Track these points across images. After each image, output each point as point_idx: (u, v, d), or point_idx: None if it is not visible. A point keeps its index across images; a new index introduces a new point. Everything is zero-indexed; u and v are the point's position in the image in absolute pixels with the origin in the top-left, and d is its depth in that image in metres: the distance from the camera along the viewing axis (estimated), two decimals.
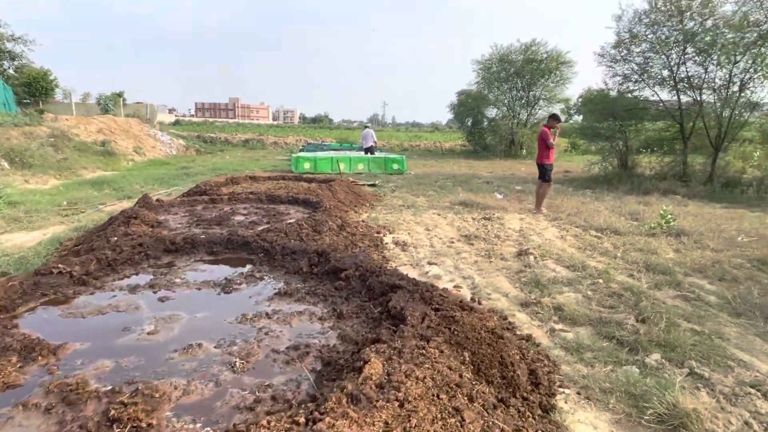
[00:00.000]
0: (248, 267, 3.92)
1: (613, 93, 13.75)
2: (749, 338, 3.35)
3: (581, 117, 23.77)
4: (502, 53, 24.39)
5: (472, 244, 6.06)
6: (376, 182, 12.05)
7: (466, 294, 4.25)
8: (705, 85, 12.24)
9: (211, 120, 67.11)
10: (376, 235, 6.34)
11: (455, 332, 2.67)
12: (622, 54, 13.18)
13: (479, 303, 4.04)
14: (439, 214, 8.07)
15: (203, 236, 4.50)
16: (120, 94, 27.35)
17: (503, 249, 5.81)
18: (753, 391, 2.64)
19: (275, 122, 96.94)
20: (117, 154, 17.98)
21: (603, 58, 13.41)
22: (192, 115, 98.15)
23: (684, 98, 12.70)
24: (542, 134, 8.35)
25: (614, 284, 4.45)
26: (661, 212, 6.95)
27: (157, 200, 6.45)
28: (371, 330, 2.72)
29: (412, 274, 4.82)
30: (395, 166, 15.11)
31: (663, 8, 12.22)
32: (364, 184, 11.73)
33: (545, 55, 23.44)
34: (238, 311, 2.96)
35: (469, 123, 27.23)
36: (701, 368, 2.88)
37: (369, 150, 17.09)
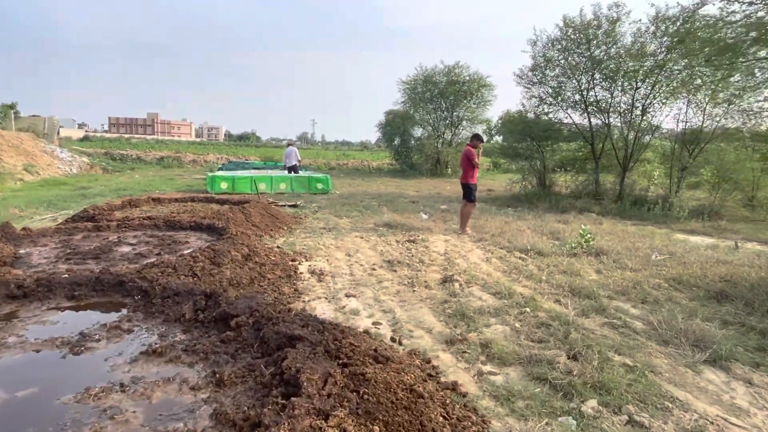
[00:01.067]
0: (118, 315, 3.16)
1: (531, 114, 14.24)
2: (681, 371, 3.16)
3: (501, 138, 24.67)
4: (427, 74, 24.86)
5: (395, 271, 5.63)
6: (298, 203, 11.40)
7: (386, 332, 3.77)
8: (612, 109, 13.00)
9: (126, 136, 62.27)
10: (290, 263, 5.72)
11: (365, 397, 2.15)
12: (539, 77, 13.71)
13: (400, 343, 3.57)
14: (362, 237, 7.60)
15: (66, 275, 3.65)
16: (12, 106, 24.42)
17: (428, 275, 5.42)
18: None
19: (198, 139, 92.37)
20: (1, 173, 15.75)
21: (521, 80, 13.89)
22: (105, 131, 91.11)
23: (594, 121, 13.40)
24: (467, 153, 8.21)
25: (542, 313, 4.18)
26: (581, 231, 6.98)
27: (23, 229, 5.38)
28: (258, 401, 2.13)
29: (327, 309, 4.28)
30: (320, 186, 14.52)
31: (572, 36, 12.88)
32: (284, 205, 11.03)
33: (467, 78, 24.18)
34: (83, 383, 2.24)
35: (397, 142, 27.35)
36: (640, 414, 2.59)
37: (293, 169, 16.38)
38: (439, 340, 3.67)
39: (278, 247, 6.61)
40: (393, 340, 3.62)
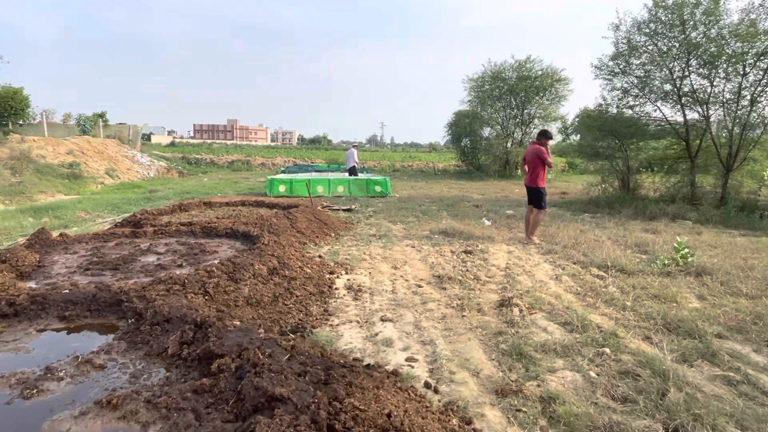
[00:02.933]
0: (99, 344, 2.71)
1: (612, 109, 12.70)
2: None
3: (579, 136, 22.77)
4: (495, 70, 23.58)
5: (444, 289, 4.86)
6: (353, 207, 10.90)
7: (420, 374, 3.04)
8: (712, 100, 11.20)
9: (209, 141, 66.52)
10: (327, 276, 5.15)
11: None
12: (622, 66, 12.18)
13: (435, 391, 2.83)
14: (413, 246, 6.89)
15: (67, 291, 3.30)
16: (101, 115, 26.44)
17: (482, 296, 4.60)
18: None
19: (273, 143, 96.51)
20: (85, 177, 16.87)
21: (601, 71, 12.41)
22: (191, 137, 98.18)
23: (689, 114, 11.65)
24: (536, 152, 7.19)
25: (626, 355, 3.24)
26: (676, 244, 5.77)
27: (60, 234, 5.28)
28: None
29: (356, 336, 3.63)
30: (378, 189, 13.98)
31: (663, 17, 11.27)
32: (339, 209, 10.59)
33: (540, 72, 22.60)
34: None
35: (467, 143, 26.14)
36: None
37: (352, 171, 16.02)
38: (488, 387, 2.88)
39: (319, 256, 6.09)
40: (427, 386, 2.89)
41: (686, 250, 5.63)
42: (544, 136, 7.30)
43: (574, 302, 4.42)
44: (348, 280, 5.13)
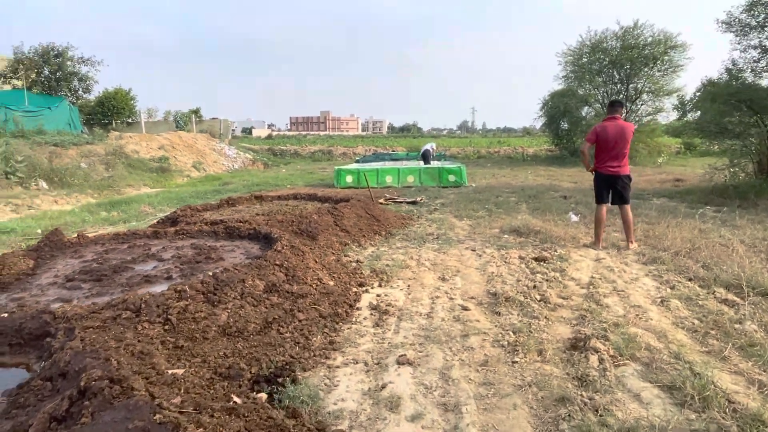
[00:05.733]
0: None
1: (747, 73, 10.12)
2: None
3: (698, 114, 19.31)
4: (595, 40, 20.76)
5: (498, 314, 3.66)
6: (418, 199, 9.83)
7: None
8: None
9: (303, 133, 69.40)
10: (354, 290, 4.21)
11: None
12: (760, 19, 9.60)
13: None
14: (473, 250, 5.69)
15: (5, 314, 2.72)
16: (195, 111, 28.04)
17: (548, 329, 3.35)
18: None
19: (364, 133, 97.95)
20: (172, 171, 17.67)
21: (730, 27, 9.92)
22: (288, 129, 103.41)
23: None
24: (629, 129, 5.62)
25: None
26: None
27: (78, 235, 4.94)
28: None
29: (354, 390, 2.64)
30: (452, 178, 12.72)
31: None
32: (402, 202, 9.60)
33: (650, 39, 19.44)
34: None
35: (564, 125, 23.40)
36: None
37: (424, 156, 14.95)
38: None
39: (357, 261, 5.17)
40: None
41: None
42: (622, 106, 5.90)
43: (687, 347, 3.01)
44: (377, 296, 4.14)
